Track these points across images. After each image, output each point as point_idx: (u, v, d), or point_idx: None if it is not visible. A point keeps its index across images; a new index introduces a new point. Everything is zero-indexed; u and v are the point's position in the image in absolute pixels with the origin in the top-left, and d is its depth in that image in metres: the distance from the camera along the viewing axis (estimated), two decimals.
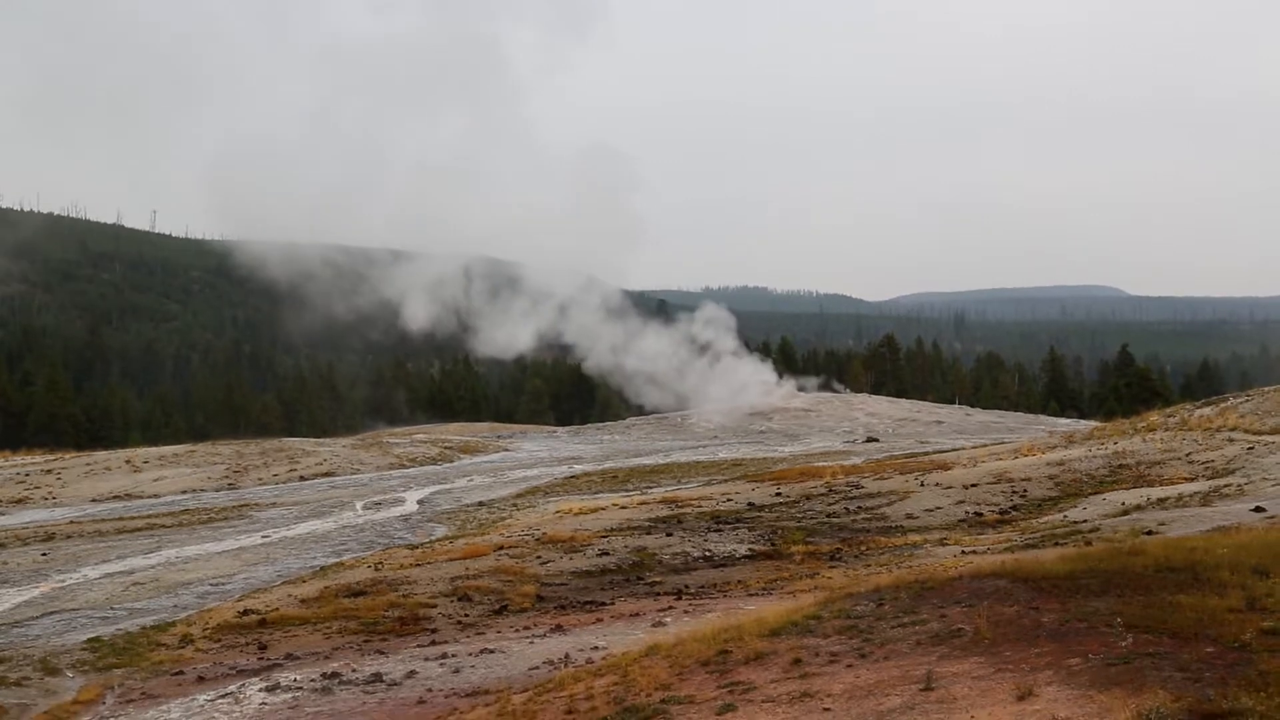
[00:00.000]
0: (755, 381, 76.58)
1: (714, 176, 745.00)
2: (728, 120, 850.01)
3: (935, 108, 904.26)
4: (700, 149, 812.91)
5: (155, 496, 38.35)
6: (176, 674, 14.83)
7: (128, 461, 44.81)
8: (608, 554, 21.89)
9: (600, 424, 75.32)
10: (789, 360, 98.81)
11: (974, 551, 19.37)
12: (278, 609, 18.28)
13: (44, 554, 25.64)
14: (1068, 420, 71.98)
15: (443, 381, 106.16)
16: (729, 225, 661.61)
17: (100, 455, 48.04)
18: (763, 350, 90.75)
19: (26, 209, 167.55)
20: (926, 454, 42.02)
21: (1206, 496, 22.35)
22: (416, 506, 33.86)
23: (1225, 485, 23.46)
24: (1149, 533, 17.93)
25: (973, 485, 27.97)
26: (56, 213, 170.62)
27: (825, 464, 37.38)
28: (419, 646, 15.43)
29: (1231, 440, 29.29)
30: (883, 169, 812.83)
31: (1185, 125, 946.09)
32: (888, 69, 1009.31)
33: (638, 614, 16.54)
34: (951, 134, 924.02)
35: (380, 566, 21.70)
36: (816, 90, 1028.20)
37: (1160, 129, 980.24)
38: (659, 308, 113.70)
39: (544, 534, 24.19)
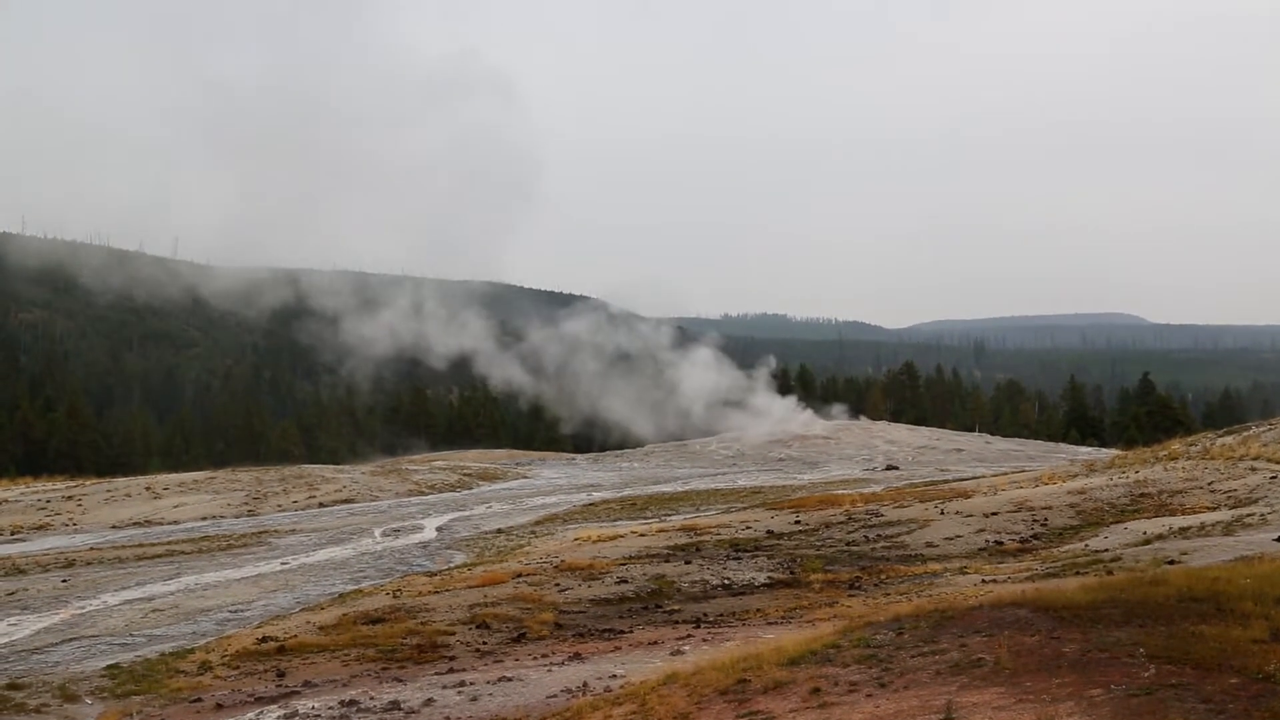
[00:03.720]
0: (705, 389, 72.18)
1: (731, 204, 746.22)
2: (746, 149, 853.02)
3: (955, 134, 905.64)
4: (718, 176, 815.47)
5: (175, 523, 38.50)
6: (195, 701, 14.84)
7: (148, 488, 45.05)
8: (626, 582, 21.84)
9: (619, 451, 75.22)
10: (808, 387, 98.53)
11: (994, 580, 19.24)
12: (296, 636, 18.30)
13: (64, 580, 25.78)
14: (1088, 449, 71.55)
15: (462, 408, 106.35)
16: (746, 252, 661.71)
17: (121, 481, 48.31)
18: (780, 376, 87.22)
19: (49, 235, 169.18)
20: (946, 482, 41.81)
21: (1229, 526, 22.16)
22: (435, 533, 33.89)
23: (1248, 514, 23.26)
24: (1171, 562, 17.79)
25: (993, 514, 27.81)
26: (79, 240, 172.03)
27: (844, 492, 37.29)
28: (437, 674, 15.41)
29: (1254, 469, 29.07)
30: (901, 196, 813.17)
31: (1207, 151, 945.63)
32: (906, 95, 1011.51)
33: (656, 642, 16.49)
34: (972, 160, 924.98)
35: (399, 594, 21.70)
36: (834, 116, 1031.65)
37: (1182, 155, 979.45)
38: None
39: (562, 561, 24.16)
